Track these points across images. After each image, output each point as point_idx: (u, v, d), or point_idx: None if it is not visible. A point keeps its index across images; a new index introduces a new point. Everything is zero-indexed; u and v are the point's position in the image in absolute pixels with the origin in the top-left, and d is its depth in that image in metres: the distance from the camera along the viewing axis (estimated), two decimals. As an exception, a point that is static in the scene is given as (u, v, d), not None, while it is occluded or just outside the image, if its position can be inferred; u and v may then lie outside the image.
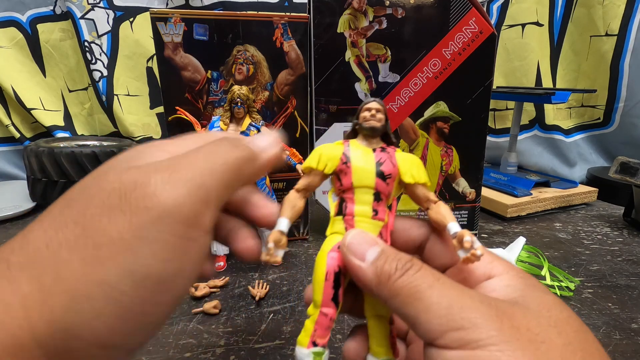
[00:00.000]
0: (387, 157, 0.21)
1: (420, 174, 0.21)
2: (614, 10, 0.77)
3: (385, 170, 0.21)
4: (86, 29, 0.79)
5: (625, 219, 0.63)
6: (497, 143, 0.88)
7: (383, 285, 0.17)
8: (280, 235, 0.21)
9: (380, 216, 0.21)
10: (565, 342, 0.15)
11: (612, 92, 0.82)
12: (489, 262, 0.20)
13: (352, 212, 0.21)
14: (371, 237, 0.20)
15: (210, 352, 0.33)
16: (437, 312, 0.16)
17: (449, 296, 0.16)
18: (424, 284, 0.17)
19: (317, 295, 0.21)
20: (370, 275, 0.18)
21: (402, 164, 0.21)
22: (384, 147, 0.22)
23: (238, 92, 0.42)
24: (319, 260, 0.21)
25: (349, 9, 0.48)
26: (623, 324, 0.37)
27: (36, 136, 0.85)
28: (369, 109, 0.22)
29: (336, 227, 0.22)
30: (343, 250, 0.20)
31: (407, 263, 0.18)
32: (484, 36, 0.48)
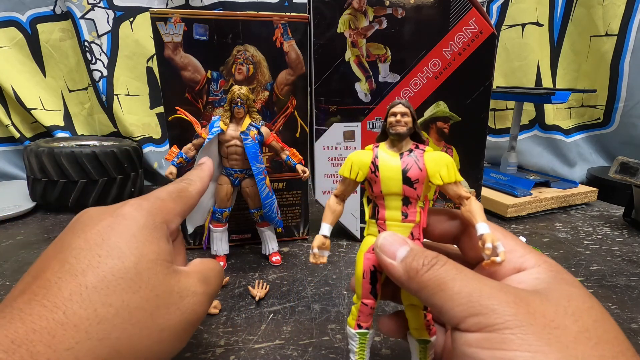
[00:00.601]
0: (414, 162, 0.22)
1: (449, 174, 0.22)
2: (614, 10, 0.77)
3: (411, 176, 0.22)
4: (86, 29, 0.79)
5: (625, 219, 0.63)
6: (497, 143, 0.88)
7: (412, 280, 0.20)
8: (323, 239, 0.23)
9: (410, 218, 0.23)
10: (581, 329, 0.16)
11: (612, 92, 0.82)
12: (521, 255, 0.21)
13: (384, 217, 0.23)
14: (401, 238, 0.22)
15: (210, 352, 0.33)
16: (458, 300, 0.17)
17: (469, 286, 0.18)
18: (448, 277, 0.18)
19: (358, 290, 0.24)
20: (401, 271, 0.20)
21: (430, 166, 0.22)
22: (412, 149, 0.23)
23: (238, 92, 0.42)
24: (358, 260, 0.24)
25: (349, 9, 0.47)
26: (623, 324, 0.37)
27: (36, 136, 0.85)
28: (395, 114, 0.23)
29: (371, 229, 0.24)
30: (376, 251, 0.22)
31: (432, 259, 0.20)
32: (484, 36, 0.48)
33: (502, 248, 0.20)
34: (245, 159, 0.43)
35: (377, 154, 0.23)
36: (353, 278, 0.25)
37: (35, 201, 0.66)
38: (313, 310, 0.39)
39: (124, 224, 0.22)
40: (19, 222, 0.62)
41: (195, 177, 0.31)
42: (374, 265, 0.23)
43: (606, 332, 0.16)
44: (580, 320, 0.16)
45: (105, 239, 0.21)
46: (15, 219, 0.62)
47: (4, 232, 0.58)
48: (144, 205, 0.24)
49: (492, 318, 0.16)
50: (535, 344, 0.15)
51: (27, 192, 0.67)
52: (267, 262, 0.49)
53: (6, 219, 0.61)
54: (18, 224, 0.61)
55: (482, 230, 0.21)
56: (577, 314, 0.17)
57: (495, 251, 0.20)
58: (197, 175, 0.31)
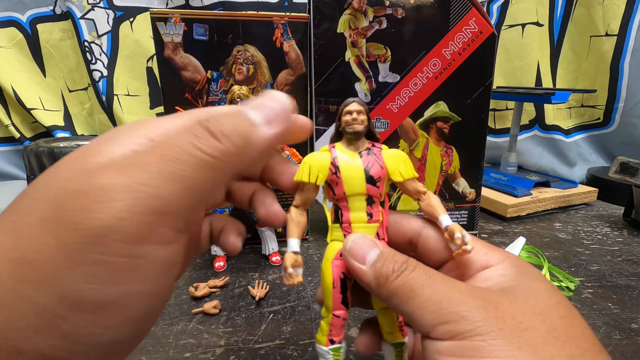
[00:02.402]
0: (374, 160, 0.22)
1: (407, 170, 0.22)
2: (614, 10, 0.77)
3: (374, 174, 0.22)
4: (86, 29, 0.79)
5: (625, 219, 0.63)
6: (497, 143, 0.88)
7: (382, 286, 0.19)
8: (294, 256, 0.22)
9: (375, 218, 0.22)
10: (549, 328, 0.16)
11: (612, 92, 0.82)
12: (485, 253, 0.21)
13: (349, 220, 0.22)
14: (370, 240, 0.21)
15: (210, 352, 0.33)
16: (428, 308, 0.17)
17: (439, 292, 0.17)
18: (417, 284, 0.18)
19: (328, 301, 0.22)
20: (371, 277, 0.19)
21: (389, 164, 0.22)
22: (370, 148, 0.22)
23: (238, 92, 0.42)
24: (325, 269, 0.22)
25: (349, 9, 0.47)
26: (623, 324, 0.37)
27: (36, 136, 0.85)
28: (350, 112, 0.22)
29: (335, 234, 0.23)
30: (345, 255, 0.21)
31: (402, 264, 0.19)
32: (484, 36, 0.48)
33: (469, 237, 0.20)
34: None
35: (336, 155, 0.22)
36: (319, 289, 0.24)
37: (35, 201, 0.66)
38: (313, 310, 0.39)
39: None
40: (19, 222, 0.62)
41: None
42: (343, 272, 0.22)
43: (573, 328, 0.17)
44: (548, 318, 0.17)
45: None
46: (15, 219, 0.62)
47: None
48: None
49: (462, 325, 0.16)
50: (505, 349, 0.15)
51: (27, 192, 0.67)
52: (267, 262, 0.49)
53: (6, 219, 0.61)
54: (18, 224, 0.61)
55: (447, 222, 0.21)
56: (545, 312, 0.17)
57: (464, 239, 0.20)
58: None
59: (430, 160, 0.53)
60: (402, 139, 0.52)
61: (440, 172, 0.53)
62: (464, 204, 0.54)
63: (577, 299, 0.41)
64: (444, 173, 0.53)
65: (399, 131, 0.51)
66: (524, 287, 0.18)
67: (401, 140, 0.52)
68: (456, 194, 0.54)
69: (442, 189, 0.54)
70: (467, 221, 0.55)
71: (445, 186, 0.53)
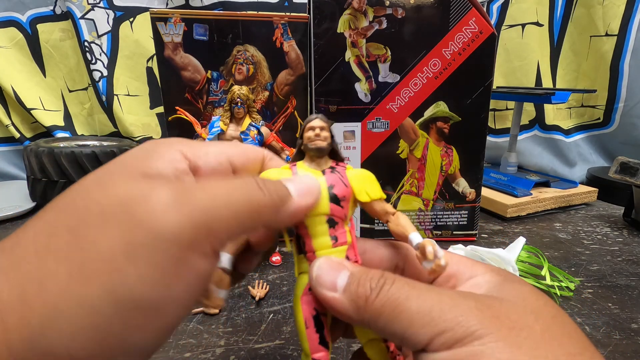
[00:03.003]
0: (338, 179, 0.20)
1: (374, 190, 0.21)
2: (614, 10, 0.77)
3: (338, 193, 0.20)
4: (86, 29, 0.79)
5: (625, 219, 0.63)
6: (497, 143, 0.88)
7: (362, 310, 0.17)
8: (220, 275, 0.18)
9: (341, 241, 0.20)
10: (544, 327, 0.16)
11: (612, 92, 0.82)
12: (471, 265, 0.20)
13: (312, 248, 0.20)
14: (336, 262, 0.19)
15: (210, 352, 0.33)
16: (420, 321, 0.16)
17: (427, 301, 0.16)
18: (402, 297, 0.16)
19: (305, 344, 0.20)
20: (347, 303, 0.17)
21: (354, 183, 0.20)
22: (334, 167, 0.21)
23: (238, 92, 0.42)
24: (296, 308, 0.20)
25: (349, 9, 0.47)
26: (623, 324, 0.37)
27: (36, 136, 0.85)
28: (313, 128, 0.21)
29: (302, 266, 0.21)
30: (312, 285, 0.19)
31: (380, 279, 0.17)
32: (484, 36, 0.48)
33: (442, 251, 0.19)
34: (245, 159, 0.43)
35: (297, 173, 0.20)
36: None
37: (35, 201, 0.66)
38: (313, 310, 0.39)
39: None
40: (19, 222, 0.62)
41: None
42: (316, 309, 0.20)
43: (565, 327, 0.16)
44: (541, 318, 0.16)
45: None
46: (15, 219, 0.62)
47: (4, 232, 0.58)
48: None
49: (459, 332, 0.15)
50: (506, 351, 0.15)
51: (27, 192, 0.67)
52: (267, 262, 0.49)
53: (6, 219, 0.61)
54: (18, 224, 0.61)
55: (417, 240, 0.19)
56: (536, 312, 0.16)
57: (437, 254, 0.18)
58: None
59: (430, 160, 0.53)
60: (402, 139, 0.52)
61: (440, 172, 0.53)
62: (464, 204, 0.54)
63: (577, 299, 0.41)
64: (444, 173, 0.53)
65: (399, 131, 0.51)
66: (511, 290, 0.18)
67: (401, 140, 0.52)
68: (456, 194, 0.54)
69: (442, 189, 0.54)
70: (467, 221, 0.55)
71: (445, 186, 0.53)
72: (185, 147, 0.18)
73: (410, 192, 0.54)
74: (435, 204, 0.54)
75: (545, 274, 0.42)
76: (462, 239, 0.55)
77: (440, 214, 0.54)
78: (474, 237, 0.56)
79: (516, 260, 0.43)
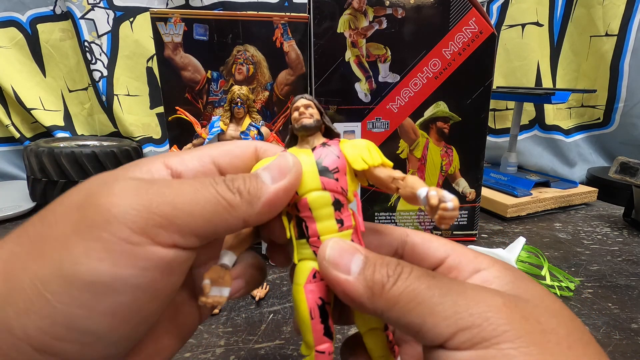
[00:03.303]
0: (329, 152, 0.19)
1: (372, 156, 0.19)
2: (614, 10, 0.77)
3: (328, 164, 0.19)
4: (86, 29, 0.79)
5: (625, 219, 0.63)
6: (497, 143, 0.88)
7: (377, 297, 0.16)
8: (220, 271, 0.18)
9: (347, 224, 0.19)
10: (567, 331, 0.15)
11: (612, 92, 0.82)
12: (475, 257, 0.19)
13: (316, 233, 0.19)
14: (351, 245, 0.18)
15: (210, 352, 0.33)
16: (442, 312, 0.15)
17: (451, 293, 0.15)
18: (422, 286, 0.15)
19: (308, 336, 0.19)
20: (361, 288, 0.16)
21: (348, 152, 0.19)
22: (326, 142, 0.20)
23: (238, 92, 0.42)
24: (298, 297, 0.19)
25: (349, 9, 0.47)
26: (623, 324, 0.37)
27: (36, 136, 0.85)
28: (297, 108, 0.20)
29: (303, 252, 0.19)
30: (324, 266, 0.17)
31: (397, 267, 0.16)
32: (484, 36, 0.48)
33: (449, 196, 0.16)
34: (245, 159, 0.43)
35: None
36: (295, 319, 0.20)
37: (35, 201, 0.66)
38: (313, 310, 0.39)
39: None
40: (19, 222, 0.62)
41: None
42: (321, 298, 0.19)
43: (581, 332, 0.16)
44: (562, 322, 0.15)
45: None
46: (15, 219, 0.62)
47: (4, 232, 0.58)
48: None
49: (487, 330, 0.14)
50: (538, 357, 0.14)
51: (27, 192, 0.67)
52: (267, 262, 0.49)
53: (6, 219, 0.61)
54: (18, 224, 0.61)
55: (425, 192, 0.17)
56: (557, 315, 0.16)
57: (443, 198, 0.16)
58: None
59: (430, 160, 0.53)
60: (402, 139, 0.52)
61: (440, 172, 0.53)
62: (464, 204, 0.54)
63: (577, 299, 0.41)
64: (444, 173, 0.53)
65: (399, 131, 0.51)
66: (526, 290, 0.17)
67: (401, 140, 0.52)
68: (456, 194, 0.54)
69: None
70: (467, 221, 0.55)
71: (445, 186, 0.53)
72: (168, 157, 0.19)
73: (410, 192, 0.54)
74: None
75: (545, 274, 0.42)
76: (462, 239, 0.55)
77: (440, 214, 0.54)
78: (474, 237, 0.56)
79: (516, 260, 0.43)
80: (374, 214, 0.54)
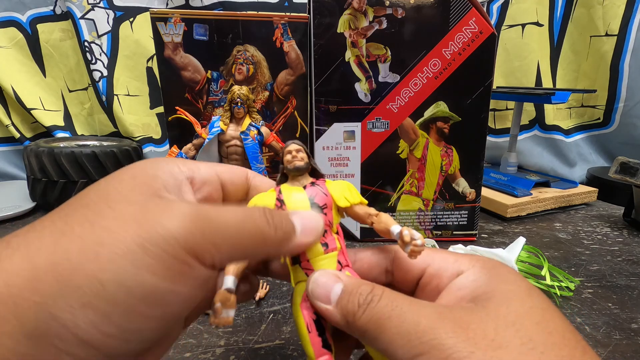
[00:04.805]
0: (318, 190, 0.23)
1: (353, 196, 0.23)
2: (614, 10, 0.77)
3: (319, 202, 0.22)
4: (86, 29, 0.79)
5: (625, 219, 0.63)
6: (497, 143, 0.88)
7: (351, 325, 0.18)
8: (226, 295, 0.20)
9: (331, 247, 0.22)
10: (524, 340, 0.16)
11: (612, 92, 0.82)
12: (455, 260, 0.21)
13: (305, 256, 0.22)
14: (331, 275, 0.20)
15: (210, 352, 0.33)
16: (398, 342, 0.16)
17: (406, 322, 0.17)
18: (384, 316, 0.17)
19: (309, 350, 0.21)
20: (338, 317, 0.18)
21: (334, 192, 0.23)
22: (314, 182, 0.23)
23: (238, 92, 0.42)
24: (296, 315, 0.21)
25: (349, 9, 0.48)
26: (623, 324, 0.37)
27: (36, 136, 0.85)
28: (290, 152, 0.23)
29: (298, 275, 0.22)
30: (310, 298, 0.20)
31: (368, 295, 0.18)
32: (484, 36, 0.48)
33: (417, 234, 0.20)
34: (245, 159, 0.43)
35: (280, 191, 0.23)
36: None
37: (35, 201, 0.66)
38: (313, 310, 0.39)
39: None
40: (19, 222, 0.62)
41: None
42: (316, 313, 0.21)
43: (551, 335, 0.16)
44: (522, 328, 0.16)
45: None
46: (15, 219, 0.62)
47: (4, 232, 0.58)
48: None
49: (435, 355, 0.15)
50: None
51: (27, 192, 0.67)
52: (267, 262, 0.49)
53: (6, 219, 0.61)
54: (18, 224, 0.61)
55: (397, 230, 0.21)
56: (518, 322, 0.16)
57: (413, 236, 0.20)
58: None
59: (430, 160, 0.53)
60: (402, 139, 0.52)
61: (440, 172, 0.53)
62: (464, 204, 0.54)
63: (577, 299, 0.41)
64: (444, 173, 0.53)
65: (399, 131, 0.51)
66: (495, 294, 0.18)
67: (401, 140, 0.52)
68: (456, 194, 0.54)
69: (442, 189, 0.54)
70: (467, 221, 0.55)
71: (445, 186, 0.53)
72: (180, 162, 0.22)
73: (410, 192, 0.54)
74: (435, 204, 0.54)
75: (545, 274, 0.42)
76: (462, 239, 0.55)
77: (440, 214, 0.54)
78: (474, 237, 0.56)
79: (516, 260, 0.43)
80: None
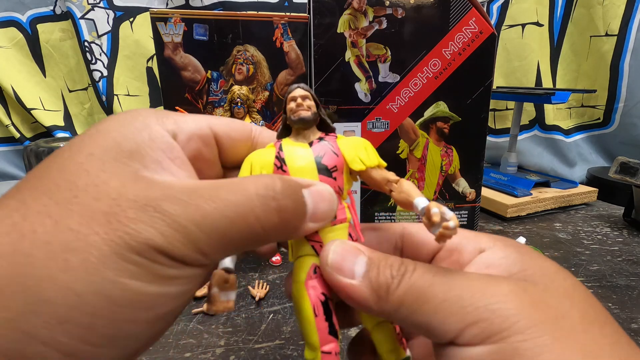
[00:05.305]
0: (328, 148, 0.18)
1: (369, 157, 0.19)
2: (614, 10, 0.77)
3: (328, 163, 0.18)
4: (86, 29, 0.79)
5: (625, 219, 0.63)
6: (497, 143, 0.88)
7: (383, 300, 0.16)
8: (225, 275, 0.17)
9: (340, 218, 0.18)
10: (582, 313, 0.14)
11: (612, 92, 0.82)
12: (475, 236, 0.18)
13: None
14: (353, 246, 0.17)
15: (210, 352, 0.33)
16: (448, 309, 0.14)
17: (455, 288, 0.15)
18: (425, 284, 0.15)
19: (312, 336, 0.18)
20: (367, 292, 0.16)
21: (346, 151, 0.19)
22: (322, 137, 0.19)
23: (238, 92, 0.42)
24: (299, 295, 0.18)
25: (349, 9, 0.47)
26: (623, 324, 0.37)
27: (36, 136, 0.85)
28: (294, 98, 0.19)
29: (301, 249, 0.18)
30: (327, 271, 0.17)
31: (400, 267, 0.16)
32: (484, 36, 0.48)
33: (450, 213, 0.16)
34: (245, 159, 0.43)
35: (281, 147, 0.19)
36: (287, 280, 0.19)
37: (35, 201, 0.66)
38: (313, 310, 0.39)
39: None
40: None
41: None
42: (324, 293, 0.18)
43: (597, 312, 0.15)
44: (575, 302, 0.14)
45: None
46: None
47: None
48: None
49: (495, 323, 0.13)
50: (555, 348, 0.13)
51: (27, 192, 0.67)
52: (267, 262, 0.49)
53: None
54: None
55: (423, 204, 0.17)
56: (569, 295, 0.15)
57: (444, 216, 0.16)
58: None
59: (430, 160, 0.53)
60: (402, 139, 0.52)
61: (440, 172, 0.53)
62: (464, 204, 0.54)
63: (577, 299, 0.41)
64: (444, 173, 0.53)
65: (399, 131, 0.51)
66: (534, 270, 0.16)
67: (401, 140, 0.52)
68: (456, 194, 0.54)
69: (442, 189, 0.54)
70: (467, 221, 0.55)
71: (445, 186, 0.53)
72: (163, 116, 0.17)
73: (410, 192, 0.54)
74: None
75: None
76: (462, 239, 0.55)
77: (440, 214, 0.54)
78: (474, 237, 0.55)
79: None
80: (374, 214, 0.54)
